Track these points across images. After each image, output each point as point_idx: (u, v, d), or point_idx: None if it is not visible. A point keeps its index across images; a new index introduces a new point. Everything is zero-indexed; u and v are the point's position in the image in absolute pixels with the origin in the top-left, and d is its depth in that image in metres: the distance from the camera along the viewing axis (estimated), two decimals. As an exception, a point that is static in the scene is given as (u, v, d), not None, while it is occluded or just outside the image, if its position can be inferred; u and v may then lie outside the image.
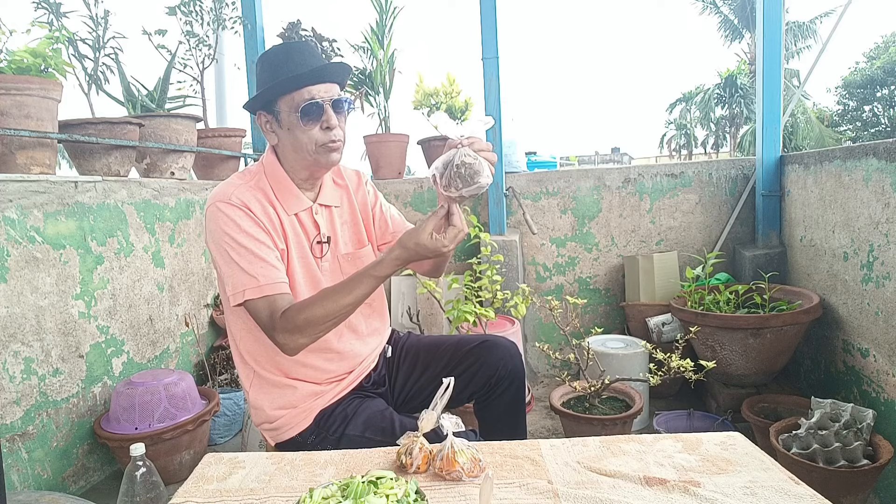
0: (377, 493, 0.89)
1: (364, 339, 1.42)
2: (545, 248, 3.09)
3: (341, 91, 1.30)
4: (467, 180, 1.11)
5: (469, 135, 1.13)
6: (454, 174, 1.10)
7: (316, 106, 1.22)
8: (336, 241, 1.37)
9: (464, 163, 1.10)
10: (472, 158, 1.10)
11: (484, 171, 1.11)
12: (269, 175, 1.30)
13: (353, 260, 1.39)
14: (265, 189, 1.28)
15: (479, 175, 1.11)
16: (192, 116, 2.63)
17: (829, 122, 20.84)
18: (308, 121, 1.23)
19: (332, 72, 1.26)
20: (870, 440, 1.69)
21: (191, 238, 2.66)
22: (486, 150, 1.14)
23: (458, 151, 1.11)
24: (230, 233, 1.20)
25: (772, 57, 2.60)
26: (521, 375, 1.46)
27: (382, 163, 3.31)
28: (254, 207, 1.23)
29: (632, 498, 0.95)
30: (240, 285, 1.18)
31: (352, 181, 1.45)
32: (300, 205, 1.31)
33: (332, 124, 1.23)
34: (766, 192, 2.69)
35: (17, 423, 1.76)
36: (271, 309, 1.17)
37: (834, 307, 2.14)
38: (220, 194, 1.24)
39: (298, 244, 1.30)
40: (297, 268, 1.29)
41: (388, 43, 3.35)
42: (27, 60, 1.88)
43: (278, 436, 1.33)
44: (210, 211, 1.23)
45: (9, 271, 1.75)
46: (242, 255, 1.19)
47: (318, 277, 1.33)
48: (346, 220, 1.41)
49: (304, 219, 1.32)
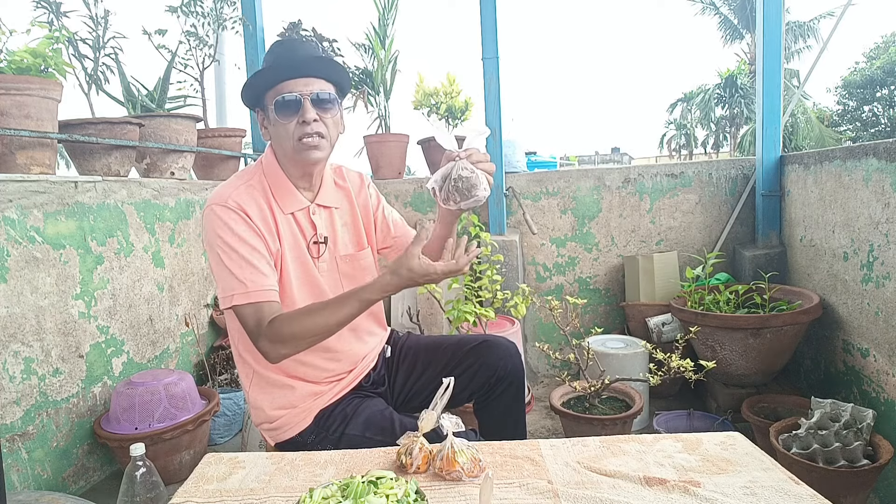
0: (377, 493, 0.89)
1: (363, 340, 1.42)
2: (545, 248, 3.09)
3: (338, 91, 1.29)
4: (465, 194, 1.11)
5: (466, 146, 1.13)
6: (452, 188, 1.11)
7: (291, 100, 1.21)
8: (335, 241, 1.37)
9: (461, 176, 1.10)
10: (470, 172, 1.11)
11: (481, 185, 1.11)
12: (267, 173, 1.30)
13: (351, 262, 1.39)
14: (263, 188, 1.28)
15: (476, 188, 1.11)
16: (192, 116, 2.63)
17: (829, 122, 20.83)
18: (284, 115, 1.22)
19: (314, 66, 1.23)
20: (870, 440, 1.69)
21: (191, 238, 2.66)
22: (483, 161, 1.14)
23: (456, 164, 1.12)
24: (223, 236, 1.20)
25: (772, 57, 2.60)
26: (521, 375, 1.46)
27: (382, 163, 3.31)
28: (250, 210, 1.23)
29: (632, 498, 0.95)
30: (229, 290, 1.19)
31: (354, 183, 1.45)
32: (297, 204, 1.31)
33: (308, 118, 1.21)
34: (766, 192, 2.69)
35: (17, 423, 1.76)
36: (258, 316, 1.18)
37: (834, 307, 2.14)
38: (217, 197, 1.24)
39: (294, 244, 1.30)
40: (292, 268, 1.29)
41: (389, 42, 3.35)
42: (27, 60, 1.88)
43: (278, 436, 1.33)
44: (206, 213, 1.23)
45: (9, 271, 1.75)
46: (234, 260, 1.19)
47: (314, 278, 1.32)
48: (346, 222, 1.41)
49: (300, 218, 1.31)
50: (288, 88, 1.21)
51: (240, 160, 3.14)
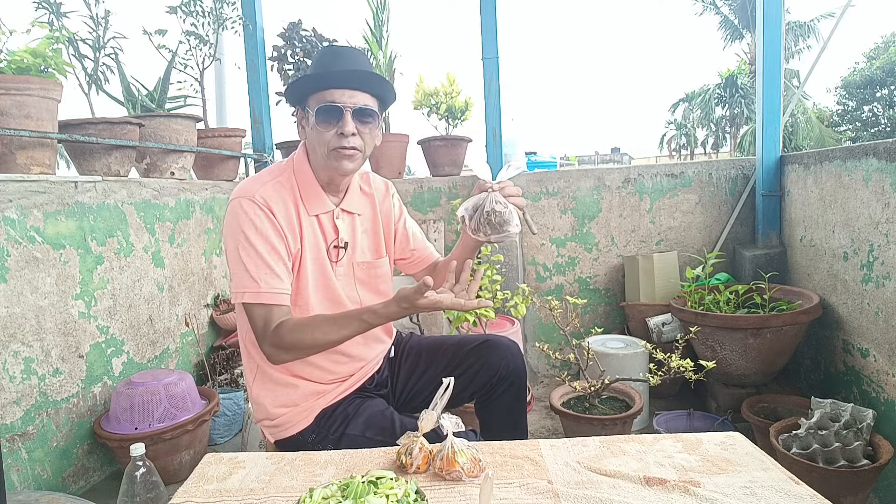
0: (377, 493, 0.89)
1: (371, 346, 1.43)
2: (545, 248, 3.09)
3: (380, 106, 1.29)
4: (497, 228, 1.13)
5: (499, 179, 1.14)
6: (484, 220, 1.13)
7: (335, 109, 1.21)
8: (354, 247, 1.37)
9: (494, 210, 1.12)
10: (503, 206, 1.12)
11: (513, 220, 1.13)
12: (297, 172, 1.31)
13: (367, 269, 1.40)
14: (292, 186, 1.28)
15: (508, 224, 1.13)
16: (192, 116, 2.63)
17: (829, 122, 20.83)
18: (323, 122, 1.22)
19: (363, 80, 1.24)
20: (870, 440, 1.69)
21: (191, 238, 2.66)
22: (515, 195, 1.16)
23: (489, 196, 1.13)
24: (246, 231, 1.20)
25: (772, 57, 2.60)
26: (523, 375, 1.46)
27: (382, 163, 3.31)
28: (276, 208, 1.23)
29: (632, 498, 0.95)
30: (241, 286, 1.20)
31: (379, 191, 1.46)
32: (323, 207, 1.31)
33: (347, 131, 1.21)
34: (766, 192, 2.69)
35: (17, 423, 1.76)
36: (266, 318, 1.19)
37: (834, 307, 2.14)
38: (245, 190, 1.24)
39: (315, 246, 1.30)
40: (309, 269, 1.29)
41: (385, 43, 3.35)
42: (27, 60, 1.88)
43: (278, 433, 1.33)
44: (232, 205, 1.23)
45: (9, 271, 1.75)
46: (251, 257, 1.19)
47: (330, 281, 1.33)
48: (366, 229, 1.41)
49: (324, 221, 1.32)
50: (332, 97, 1.21)
51: (240, 160, 3.14)
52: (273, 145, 3.39)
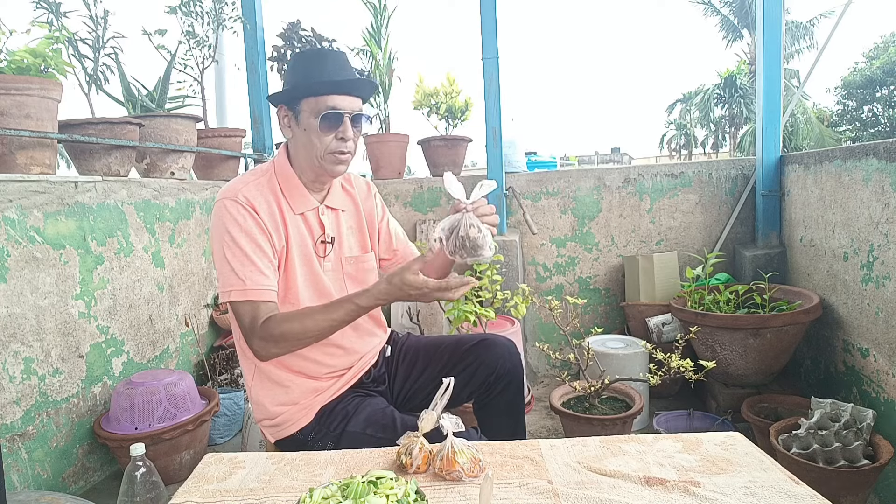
0: (377, 493, 0.89)
1: (363, 338, 1.44)
2: (545, 248, 3.09)
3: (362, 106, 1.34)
4: (471, 252, 1.15)
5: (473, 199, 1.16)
6: (459, 245, 1.15)
7: (337, 115, 1.26)
8: (340, 243, 1.39)
9: (469, 236, 1.14)
10: (477, 231, 1.14)
11: (487, 244, 1.16)
12: (279, 173, 1.33)
13: (356, 263, 1.42)
14: (274, 187, 1.31)
15: (482, 248, 1.15)
16: (192, 116, 2.62)
17: (829, 122, 20.82)
18: (326, 128, 1.26)
19: (360, 87, 1.29)
20: (870, 440, 1.69)
21: (191, 238, 2.66)
22: (488, 214, 1.19)
23: (463, 218, 1.15)
24: (230, 231, 1.22)
25: (772, 57, 2.60)
26: (520, 374, 1.46)
27: (382, 163, 3.31)
28: (259, 207, 1.25)
29: (632, 498, 0.95)
30: (228, 285, 1.21)
31: (361, 190, 1.49)
32: (307, 204, 1.34)
33: (347, 136, 1.27)
34: (766, 192, 2.69)
35: (17, 423, 1.76)
36: (253, 314, 1.21)
37: (834, 307, 2.14)
38: (229, 191, 1.27)
39: (301, 243, 1.32)
40: (297, 265, 1.31)
41: (385, 44, 3.36)
42: (27, 60, 1.88)
43: (279, 432, 1.33)
44: (217, 206, 1.26)
45: (9, 271, 1.75)
46: (236, 256, 1.21)
47: (319, 276, 1.34)
48: (351, 226, 1.44)
49: (310, 218, 1.35)
50: (334, 103, 1.25)
51: (240, 160, 3.14)
52: (273, 145, 3.39)
